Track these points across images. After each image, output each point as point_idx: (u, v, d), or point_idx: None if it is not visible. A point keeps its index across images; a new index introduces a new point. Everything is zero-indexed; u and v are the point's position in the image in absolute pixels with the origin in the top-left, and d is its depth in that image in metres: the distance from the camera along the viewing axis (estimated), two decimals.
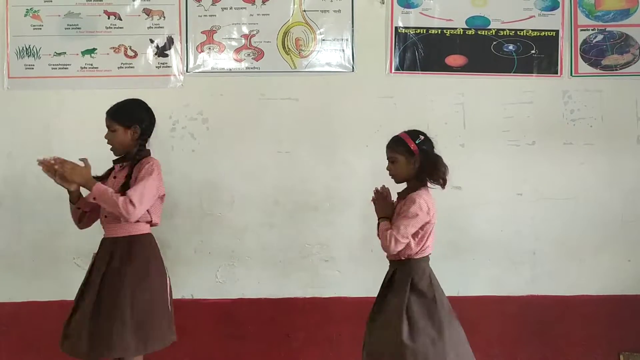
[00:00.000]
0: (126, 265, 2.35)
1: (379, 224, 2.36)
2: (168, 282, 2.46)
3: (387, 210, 2.38)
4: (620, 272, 3.13)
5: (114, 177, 2.46)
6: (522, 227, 3.13)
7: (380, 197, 2.41)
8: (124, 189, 2.35)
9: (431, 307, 2.27)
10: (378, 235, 2.34)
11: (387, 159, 2.37)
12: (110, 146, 2.46)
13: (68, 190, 2.39)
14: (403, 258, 2.32)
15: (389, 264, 2.38)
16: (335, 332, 3.00)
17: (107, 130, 2.45)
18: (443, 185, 2.34)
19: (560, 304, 3.11)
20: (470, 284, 3.10)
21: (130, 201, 2.29)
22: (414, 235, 2.29)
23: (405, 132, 2.40)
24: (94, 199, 2.32)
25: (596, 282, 3.12)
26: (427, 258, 2.34)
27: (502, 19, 3.13)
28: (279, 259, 3.10)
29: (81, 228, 2.54)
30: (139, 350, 2.31)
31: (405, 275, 2.31)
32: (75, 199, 2.43)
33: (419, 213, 2.26)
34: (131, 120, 2.44)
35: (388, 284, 2.35)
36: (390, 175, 2.38)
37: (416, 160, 2.34)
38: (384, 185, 2.43)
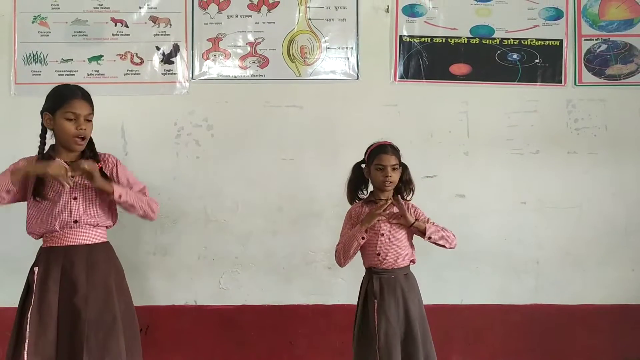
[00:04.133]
0: (110, 273, 2.22)
1: (423, 228, 2.35)
2: None
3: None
4: (625, 281, 3.12)
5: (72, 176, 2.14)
6: (526, 236, 3.12)
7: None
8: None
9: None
10: (429, 239, 2.36)
11: (389, 166, 2.37)
12: (84, 141, 2.20)
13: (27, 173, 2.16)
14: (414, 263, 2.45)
15: (389, 272, 2.38)
16: (339, 339, 2.99)
17: (86, 121, 2.19)
18: (404, 198, 2.44)
19: (564, 313, 3.10)
20: (473, 292, 3.10)
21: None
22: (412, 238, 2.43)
23: (388, 142, 2.44)
24: (120, 197, 2.14)
25: (600, 291, 3.11)
26: None
27: (506, 28, 3.14)
28: (282, 265, 3.10)
29: None
30: None
31: (414, 281, 2.41)
32: (22, 176, 2.15)
33: None
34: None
35: (399, 292, 2.35)
36: (389, 182, 2.38)
37: (400, 171, 2.43)
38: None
